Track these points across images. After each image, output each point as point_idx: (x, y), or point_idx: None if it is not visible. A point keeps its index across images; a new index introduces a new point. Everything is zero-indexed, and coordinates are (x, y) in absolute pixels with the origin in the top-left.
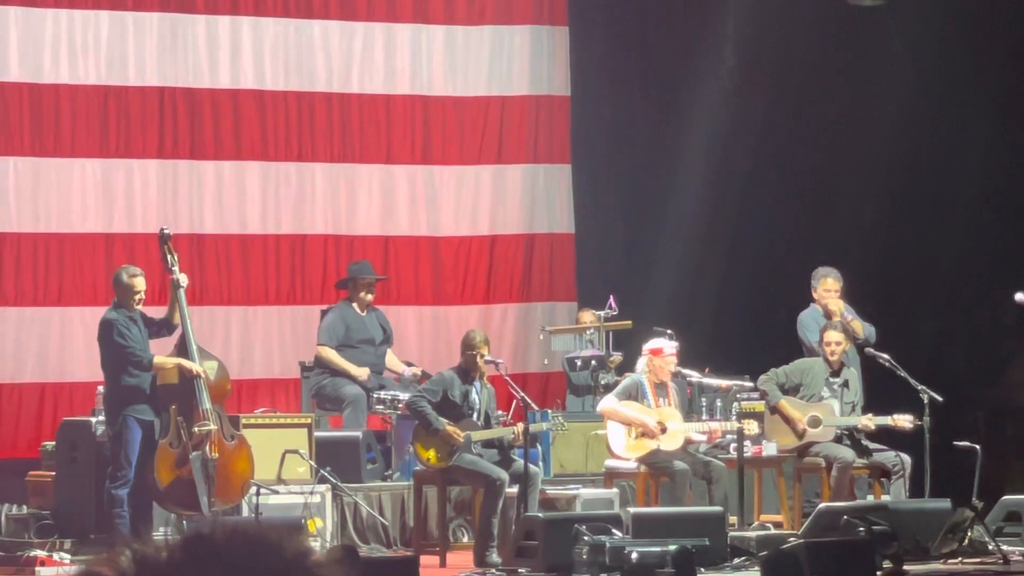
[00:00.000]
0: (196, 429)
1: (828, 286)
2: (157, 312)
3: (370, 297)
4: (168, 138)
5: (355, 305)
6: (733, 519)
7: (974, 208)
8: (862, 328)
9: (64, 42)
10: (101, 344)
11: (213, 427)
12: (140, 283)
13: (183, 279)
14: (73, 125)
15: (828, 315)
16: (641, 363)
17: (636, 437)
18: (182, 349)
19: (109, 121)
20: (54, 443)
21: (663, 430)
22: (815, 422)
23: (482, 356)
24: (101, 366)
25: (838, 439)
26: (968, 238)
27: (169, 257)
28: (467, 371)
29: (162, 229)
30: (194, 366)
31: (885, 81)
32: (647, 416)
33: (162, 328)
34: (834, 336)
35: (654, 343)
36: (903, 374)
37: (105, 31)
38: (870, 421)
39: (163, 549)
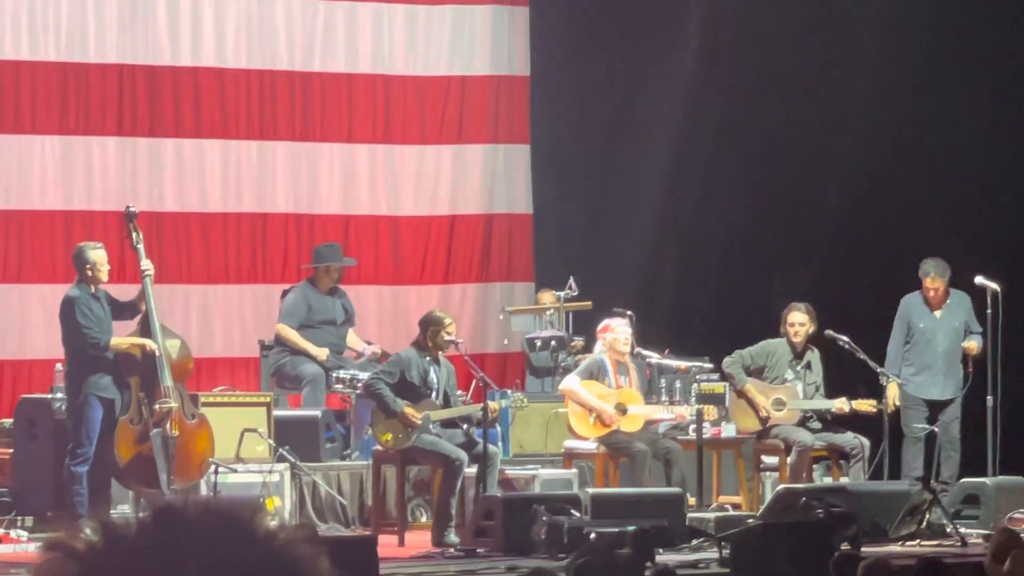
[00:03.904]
0: (157, 406)
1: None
2: (116, 290)
3: (335, 283)
4: (128, 115)
5: (318, 286)
6: (692, 500)
7: (939, 192)
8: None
9: (24, 19)
10: (62, 321)
11: (174, 405)
12: (103, 256)
13: (150, 268)
14: (33, 102)
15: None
16: (598, 344)
17: (594, 420)
18: (144, 327)
19: (68, 98)
20: (12, 420)
21: (623, 412)
22: (779, 404)
23: (448, 334)
24: (62, 342)
25: (801, 422)
26: (933, 222)
27: (134, 235)
28: (427, 349)
29: (128, 207)
30: (150, 343)
31: (853, 62)
32: (605, 403)
33: (125, 311)
34: (798, 317)
35: (603, 322)
36: (863, 356)
37: (65, 8)
38: (844, 404)
39: (132, 522)
